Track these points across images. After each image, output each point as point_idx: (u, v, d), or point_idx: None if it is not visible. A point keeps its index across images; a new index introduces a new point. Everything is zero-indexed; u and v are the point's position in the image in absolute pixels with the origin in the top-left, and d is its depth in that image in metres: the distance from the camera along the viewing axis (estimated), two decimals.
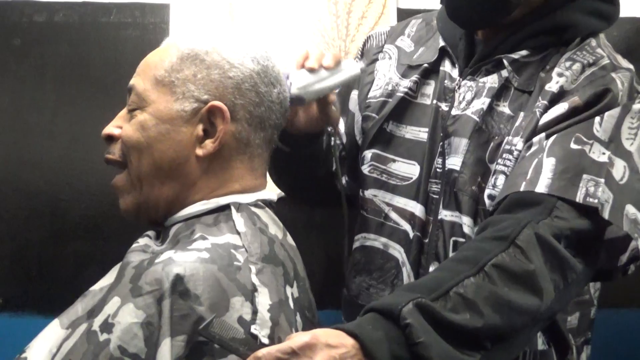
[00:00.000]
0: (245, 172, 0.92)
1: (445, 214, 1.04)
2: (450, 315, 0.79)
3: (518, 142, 0.99)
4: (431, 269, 1.03)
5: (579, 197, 0.90)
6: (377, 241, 1.13)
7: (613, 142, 0.95)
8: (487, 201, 1.00)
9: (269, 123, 0.93)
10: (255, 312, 0.80)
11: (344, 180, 1.20)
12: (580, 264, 0.89)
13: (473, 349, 0.81)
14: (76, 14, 1.59)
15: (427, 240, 1.06)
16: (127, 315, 0.75)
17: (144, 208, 0.90)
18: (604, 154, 0.94)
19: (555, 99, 0.98)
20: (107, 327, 0.75)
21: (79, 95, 1.57)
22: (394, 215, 1.11)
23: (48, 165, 1.55)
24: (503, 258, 0.84)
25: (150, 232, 0.95)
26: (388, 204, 1.11)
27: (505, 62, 1.04)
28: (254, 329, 0.79)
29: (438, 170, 1.07)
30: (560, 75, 1.00)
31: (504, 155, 1.00)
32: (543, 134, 0.96)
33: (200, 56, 0.89)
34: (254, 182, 0.93)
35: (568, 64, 1.01)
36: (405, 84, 1.13)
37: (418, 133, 1.10)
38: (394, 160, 1.12)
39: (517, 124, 1.00)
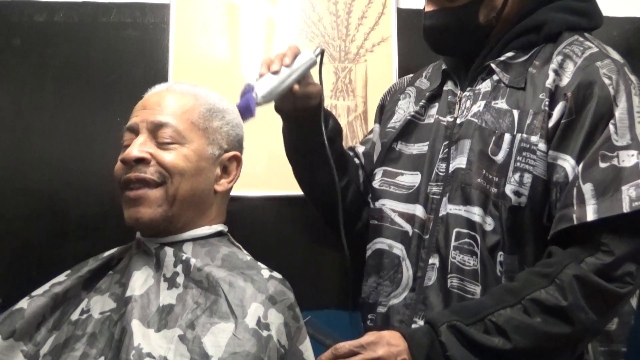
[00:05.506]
0: (225, 207, 1.15)
1: (450, 208, 1.11)
2: (482, 337, 0.96)
3: (539, 143, 1.05)
4: (431, 261, 1.12)
5: (625, 208, 0.98)
6: (384, 243, 1.21)
7: (634, 140, 1.01)
8: (512, 197, 1.06)
9: None
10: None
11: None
12: (622, 288, 0.98)
13: None
14: (76, 14, 1.59)
15: (427, 236, 1.14)
16: (276, 317, 0.97)
17: (167, 222, 1.06)
18: (632, 155, 1.00)
19: (554, 95, 1.06)
20: (264, 326, 0.95)
21: (79, 95, 1.57)
22: (398, 219, 1.20)
23: (48, 165, 1.54)
24: (541, 293, 0.98)
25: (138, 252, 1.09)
26: (394, 210, 1.21)
27: (492, 65, 1.14)
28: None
29: (440, 173, 1.15)
30: (555, 72, 1.08)
31: (524, 154, 1.06)
32: (573, 162, 1.02)
33: (222, 113, 1.12)
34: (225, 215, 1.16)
35: (559, 58, 1.09)
36: (414, 109, 1.26)
37: (422, 147, 1.21)
38: (402, 174, 1.23)
39: (528, 121, 1.07)
